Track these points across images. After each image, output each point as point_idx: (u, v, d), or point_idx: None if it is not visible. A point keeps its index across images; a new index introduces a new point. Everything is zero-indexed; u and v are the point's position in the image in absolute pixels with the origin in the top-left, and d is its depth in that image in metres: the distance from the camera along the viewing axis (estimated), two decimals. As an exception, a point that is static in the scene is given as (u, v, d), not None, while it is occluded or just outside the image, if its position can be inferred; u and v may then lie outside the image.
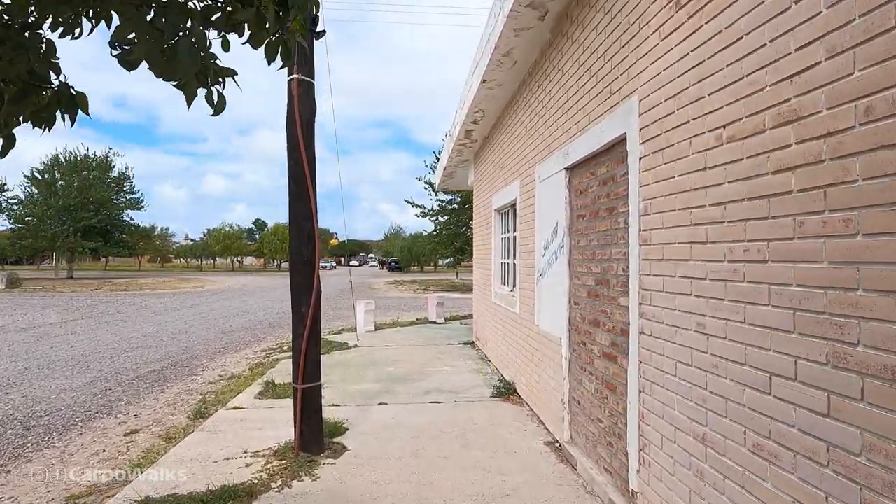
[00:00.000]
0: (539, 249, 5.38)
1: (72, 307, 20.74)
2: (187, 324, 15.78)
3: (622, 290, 3.44)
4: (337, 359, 9.06)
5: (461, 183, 13.60)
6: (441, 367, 8.34)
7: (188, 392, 7.71)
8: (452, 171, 12.28)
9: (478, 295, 9.99)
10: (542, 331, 5.27)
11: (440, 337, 11.55)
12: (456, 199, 35.47)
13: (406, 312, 19.61)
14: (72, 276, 48.79)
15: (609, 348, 3.66)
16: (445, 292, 34.28)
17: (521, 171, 6.22)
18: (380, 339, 11.21)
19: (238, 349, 11.56)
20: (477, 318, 10.07)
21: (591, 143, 3.88)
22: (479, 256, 9.74)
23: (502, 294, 7.49)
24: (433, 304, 14.19)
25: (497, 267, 8.18)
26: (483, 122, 8.11)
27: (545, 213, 5.17)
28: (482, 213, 9.35)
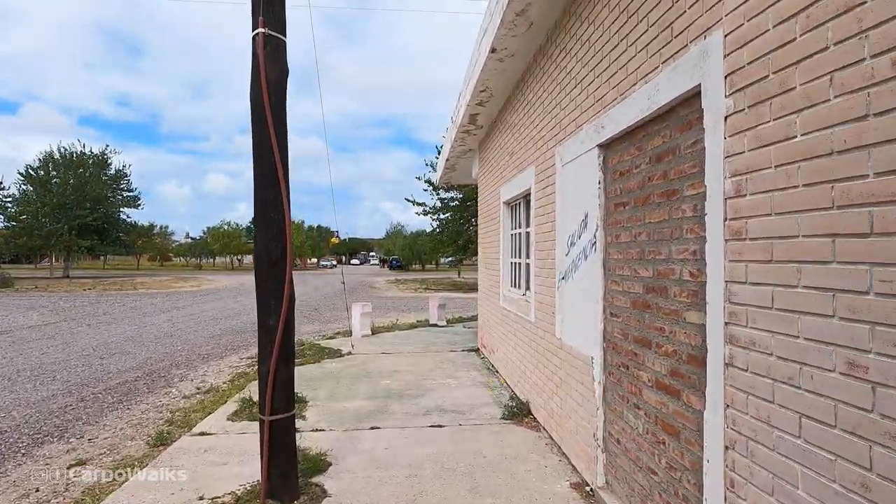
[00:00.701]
0: (561, 247, 4.47)
1: (58, 308, 19.88)
2: (174, 326, 14.90)
3: (690, 301, 2.53)
4: (328, 369, 8.16)
5: (464, 176, 12.69)
6: (443, 378, 7.43)
7: (157, 409, 6.82)
8: (455, 163, 11.36)
9: (483, 297, 9.08)
10: (567, 345, 4.36)
11: (442, 342, 10.65)
12: (457, 196, 34.58)
13: (406, 313, 18.71)
14: (68, 274, 47.97)
15: (668, 378, 2.75)
16: (447, 292, 33.37)
17: (537, 155, 5.30)
18: (376, 345, 10.31)
19: (223, 356, 10.67)
20: (482, 322, 9.17)
21: (638, 109, 2.97)
22: (485, 255, 8.84)
23: (513, 298, 6.58)
24: (435, 305, 13.29)
25: (506, 267, 7.27)
26: (490, 104, 7.20)
27: (569, 203, 4.26)
28: (488, 208, 8.45)
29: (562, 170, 4.47)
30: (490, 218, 8.30)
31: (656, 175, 2.91)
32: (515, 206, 6.92)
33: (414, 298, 26.92)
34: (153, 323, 15.66)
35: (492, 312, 8.09)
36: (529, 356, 5.65)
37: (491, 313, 8.18)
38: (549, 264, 4.89)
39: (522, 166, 6.00)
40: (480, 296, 9.43)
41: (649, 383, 2.96)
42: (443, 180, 13.56)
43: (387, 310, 20.21)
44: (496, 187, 7.68)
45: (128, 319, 16.50)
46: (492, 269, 8.17)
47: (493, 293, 8.05)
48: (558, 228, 4.55)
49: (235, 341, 12.48)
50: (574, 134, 4.17)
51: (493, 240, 8.03)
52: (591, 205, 3.77)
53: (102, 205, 47.09)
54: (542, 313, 5.10)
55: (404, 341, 10.82)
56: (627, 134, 3.24)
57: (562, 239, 4.46)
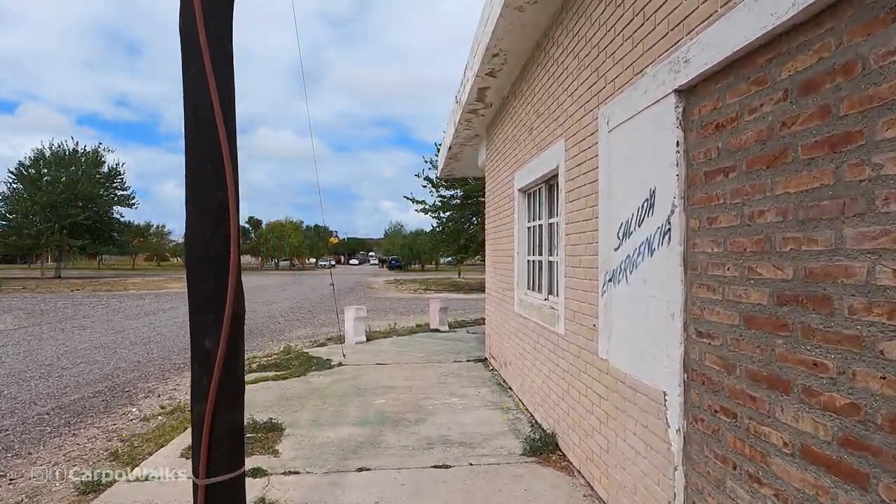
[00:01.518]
0: (607, 238, 3.38)
1: (37, 310, 18.77)
2: (155, 331, 13.80)
3: (892, 323, 1.43)
4: (313, 384, 7.06)
5: (469, 167, 11.59)
6: (447, 397, 6.34)
7: (108, 436, 5.72)
8: (459, 152, 10.26)
9: (492, 301, 7.98)
10: (617, 369, 3.26)
11: (445, 350, 9.55)
12: (458, 194, 33.52)
13: (405, 316, 17.61)
14: (59, 275, 46.82)
15: (834, 448, 1.65)
16: (448, 292, 32.29)
17: (569, 124, 4.21)
18: (371, 354, 9.20)
19: (201, 365, 9.57)
20: (491, 330, 8.07)
21: (765, 14, 1.88)
22: (495, 253, 7.74)
23: (532, 304, 5.48)
24: (436, 308, 12.19)
25: (522, 266, 6.17)
26: (503, 74, 6.10)
27: (622, 180, 3.17)
28: (499, 198, 7.35)
29: (608, 136, 3.37)
30: (501, 210, 7.20)
31: (804, 115, 1.80)
32: (534, 194, 5.82)
33: (413, 300, 25.82)
34: (133, 327, 14.55)
35: (503, 319, 6.99)
36: (557, 377, 4.55)
37: (502, 320, 7.08)
38: (587, 262, 3.79)
39: (546, 142, 4.90)
40: (489, 299, 8.34)
41: (787, 450, 1.86)
42: (444, 172, 12.46)
43: (384, 312, 19.11)
44: (509, 174, 6.58)
45: (108, 323, 15.39)
46: (503, 269, 7.07)
47: (504, 297, 6.95)
48: (603, 214, 3.45)
49: (218, 348, 11.37)
50: (630, 85, 3.08)
51: (504, 235, 6.94)
52: (663, 177, 2.67)
53: (95, 203, 45.96)
54: (577, 325, 4.00)
55: (402, 349, 9.72)
56: (736, 62, 2.15)
57: (609, 228, 3.36)
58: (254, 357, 9.91)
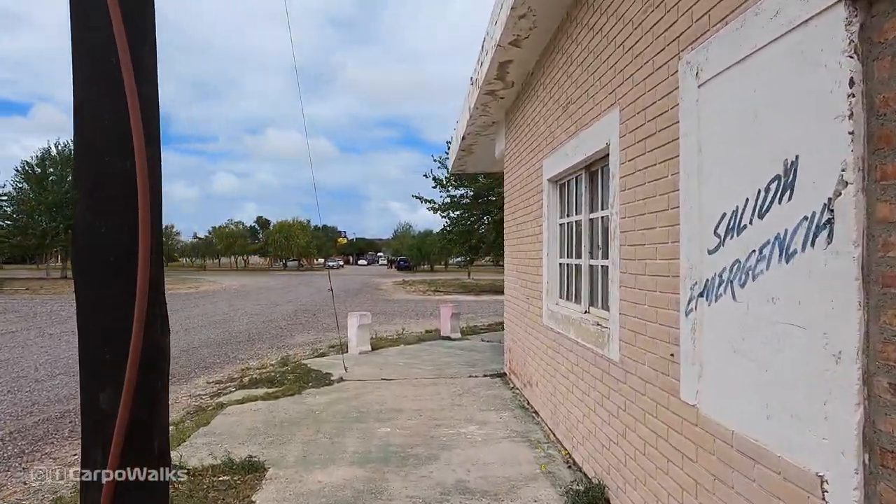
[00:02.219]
0: (695, 235, 2.43)
1: (31, 313, 18.05)
2: (148, 337, 12.96)
3: None
4: (308, 406, 6.13)
5: (483, 160, 10.62)
6: (464, 424, 5.39)
7: (62, 470, 4.82)
8: (473, 143, 9.31)
9: (513, 310, 7.01)
10: (716, 424, 2.30)
11: (458, 363, 8.59)
12: (468, 192, 32.58)
13: (414, 320, 16.67)
14: (66, 275, 46.41)
15: None
16: (457, 294, 31.33)
17: (627, 87, 3.24)
18: (376, 367, 8.27)
19: (189, 377, 8.70)
20: (512, 342, 7.10)
21: None
22: (516, 254, 6.77)
23: (568, 317, 4.51)
24: (447, 314, 11.24)
25: (552, 271, 5.19)
26: (529, 43, 5.15)
27: (728, 149, 2.21)
28: (521, 192, 6.39)
29: (698, 93, 2.41)
30: (524, 205, 6.24)
31: None
32: (569, 184, 4.85)
33: (422, 302, 24.90)
34: (126, 332, 13.72)
35: (528, 332, 6.03)
36: (606, 413, 3.59)
37: (526, 333, 6.12)
38: (656, 268, 2.83)
39: (589, 118, 3.94)
40: (508, 307, 7.37)
41: None
42: (456, 167, 11.50)
43: (392, 315, 18.20)
44: (535, 162, 5.62)
45: (100, 327, 14.59)
46: (527, 273, 6.10)
47: (529, 306, 5.99)
48: (688, 202, 2.49)
49: (212, 357, 10.51)
50: (739, 13, 2.12)
51: (529, 233, 5.97)
52: (815, 139, 1.71)
53: (100, 203, 45.49)
54: (640, 350, 3.04)
55: (411, 361, 8.78)
56: None
57: (698, 222, 2.40)
58: (247, 369, 9.01)
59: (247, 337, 13.22)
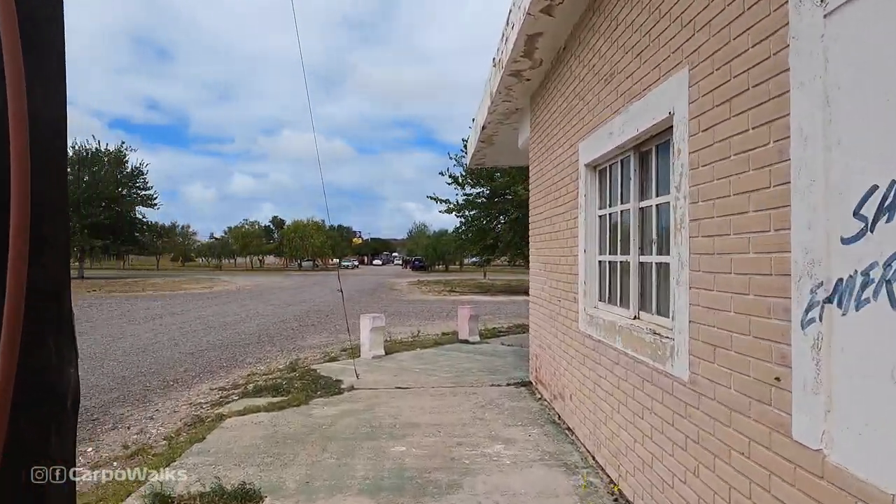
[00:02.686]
0: (819, 221, 1.79)
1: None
2: (156, 338, 12.54)
3: None
4: (315, 419, 5.55)
5: (504, 152, 9.99)
6: (489, 443, 4.77)
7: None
8: (493, 133, 8.69)
9: (540, 312, 6.37)
10: (865, 485, 1.65)
11: (478, 369, 7.97)
12: (484, 191, 31.95)
13: (429, 322, 16.08)
14: (82, 275, 46.66)
15: None
16: (473, 294, 30.71)
17: (701, 39, 2.60)
18: (390, 373, 7.68)
19: (193, 382, 8.19)
20: (539, 348, 6.46)
21: None
22: (544, 251, 6.13)
23: (613, 323, 3.86)
24: (465, 317, 10.61)
25: (590, 268, 4.54)
26: (564, 8, 4.50)
27: (883, 97, 1.56)
28: (551, 181, 5.75)
29: (827, 27, 1.77)
30: (554, 196, 5.60)
31: None
32: (612, 169, 4.20)
33: (438, 302, 24.31)
34: (134, 333, 13.33)
35: (558, 338, 5.38)
36: (670, 443, 2.94)
37: (556, 339, 5.48)
38: (749, 265, 2.18)
39: (642, 86, 3.29)
40: (534, 309, 6.72)
41: None
42: (475, 161, 10.87)
43: (406, 317, 17.63)
44: (568, 146, 4.98)
45: (108, 328, 14.22)
46: (558, 272, 5.46)
47: (560, 308, 5.34)
48: (809, 174, 1.85)
49: (218, 360, 10.01)
50: None
51: (561, 228, 5.32)
52: None
53: (117, 203, 45.64)
54: (723, 370, 2.39)
55: (427, 367, 8.17)
56: None
57: (829, 200, 1.76)
58: (253, 374, 8.48)
59: (256, 339, 12.73)
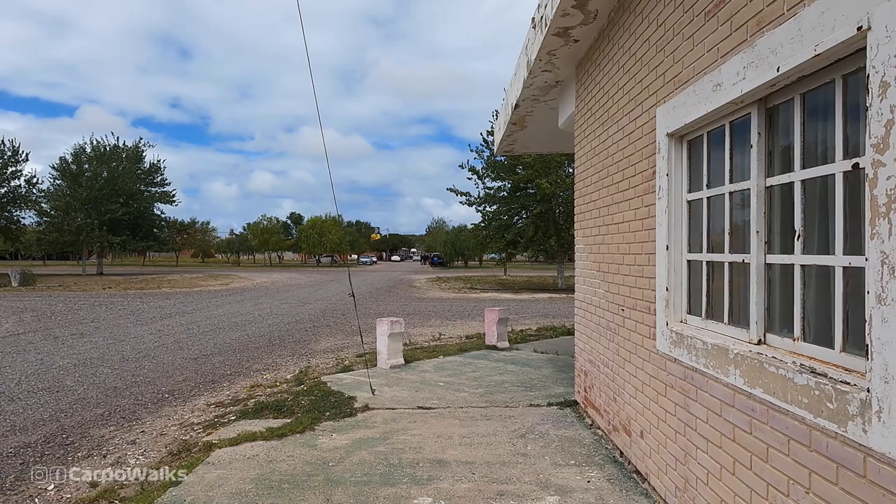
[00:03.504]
0: None
1: (48, 312, 17.18)
2: (160, 340, 11.73)
3: None
4: (321, 452, 4.56)
5: (538, 136, 8.90)
6: (537, 491, 3.73)
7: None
8: (528, 113, 7.61)
9: (591, 323, 5.28)
10: None
11: (512, 383, 6.92)
12: (506, 185, 30.81)
13: (451, 322, 15.06)
14: (101, 272, 46.62)
15: None
16: (495, 291, 29.62)
17: None
18: (410, 388, 6.67)
19: (191, 395, 7.29)
20: (590, 364, 5.37)
21: None
22: (598, 249, 5.04)
23: (722, 348, 2.77)
24: (493, 319, 9.56)
25: (675, 271, 3.45)
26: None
27: None
28: (611, 162, 4.66)
29: None
30: (616, 178, 4.51)
31: None
32: (712, 137, 3.11)
33: (459, 300, 23.29)
34: (138, 335, 12.55)
35: (623, 356, 4.31)
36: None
37: (619, 357, 4.40)
38: None
39: (790, 3, 2.21)
40: (583, 318, 5.63)
41: None
42: (503, 148, 9.78)
43: (427, 316, 16.64)
44: (640, 115, 3.90)
45: (113, 328, 13.47)
46: (621, 273, 4.38)
47: (627, 320, 4.27)
48: None
49: (222, 366, 9.12)
50: None
51: (628, 218, 4.23)
52: None
53: (135, 199, 45.43)
54: None
55: (453, 379, 7.15)
56: None
57: None
58: (256, 386, 7.54)
59: (267, 341, 11.84)
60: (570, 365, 8.00)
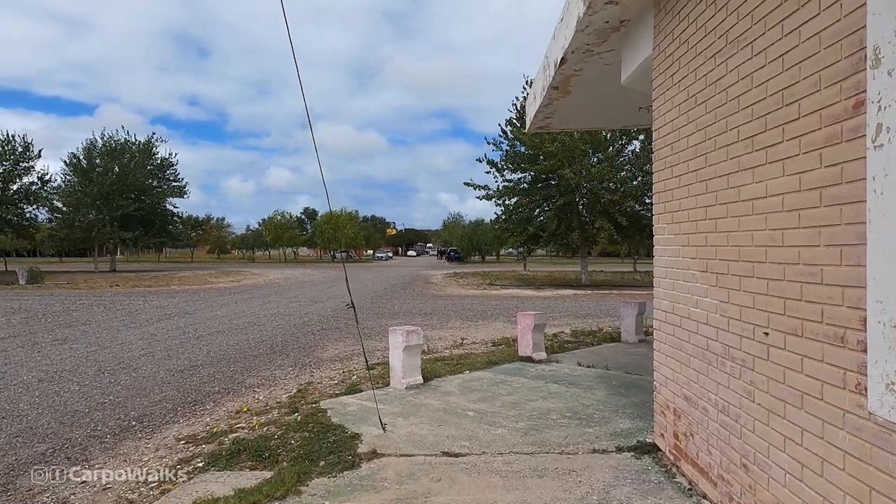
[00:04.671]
0: None
1: (41, 313, 16.06)
2: (150, 347, 10.43)
3: None
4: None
5: (586, 104, 7.35)
6: None
7: None
8: (573, 73, 6.08)
9: (689, 347, 3.74)
10: None
11: (561, 413, 5.42)
12: (527, 177, 29.19)
13: (474, 323, 13.57)
14: (114, 268, 45.99)
15: None
16: (516, 288, 28.06)
17: None
18: (431, 420, 5.20)
19: (159, 425, 5.91)
20: (685, 402, 3.84)
21: None
22: (704, 240, 3.51)
23: None
24: (527, 325, 8.04)
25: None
26: None
27: None
28: (737, 107, 3.13)
29: None
30: (747, 131, 2.98)
31: None
32: None
33: (479, 298, 21.79)
34: (127, 340, 11.28)
35: (774, 411, 2.78)
36: None
37: (763, 410, 2.87)
38: None
39: None
40: (671, 335, 4.08)
41: None
42: (538, 121, 8.22)
43: (446, 316, 15.17)
44: (826, 12, 2.37)
45: (100, 332, 12.23)
46: (761, 276, 2.86)
47: (785, 354, 2.74)
48: None
49: (210, 381, 7.76)
50: None
51: (784, 188, 2.67)
52: None
53: (147, 195, 44.61)
54: None
55: (484, 405, 5.68)
56: None
57: None
58: (241, 412, 6.13)
59: (268, 347, 10.49)
60: (627, 384, 6.47)
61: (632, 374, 7.00)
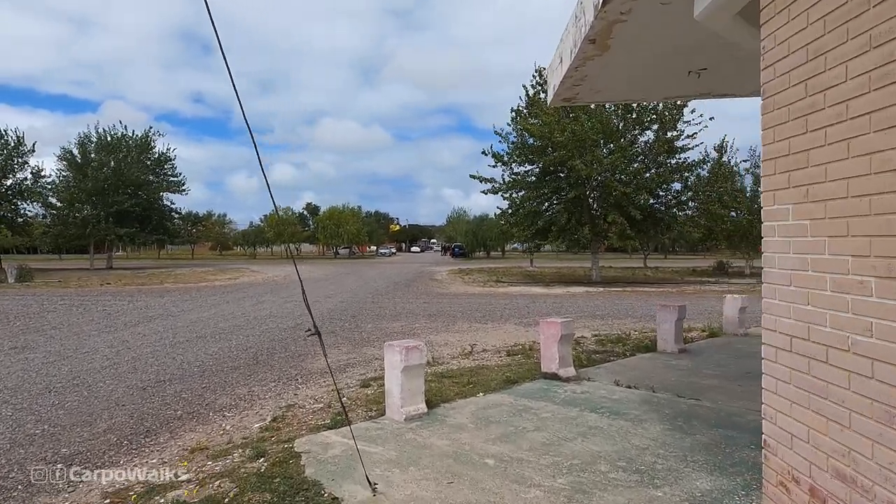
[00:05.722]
0: None
1: (12, 315, 14.82)
2: (116, 357, 9.16)
3: None
4: None
5: (632, 64, 5.98)
6: None
7: None
8: (621, 15, 4.70)
9: (833, 393, 2.42)
10: None
11: (610, 461, 4.09)
12: (534, 170, 27.81)
13: (483, 325, 12.22)
14: (111, 266, 44.87)
15: None
16: (524, 285, 26.70)
17: None
18: (439, 474, 3.89)
19: (94, 466, 4.59)
20: (837, 482, 2.51)
21: None
22: (874, 226, 2.18)
23: None
24: (553, 337, 6.69)
25: None
26: None
27: None
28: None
29: None
30: None
31: None
32: None
33: (486, 297, 20.47)
34: (94, 347, 10.01)
35: None
36: None
37: None
38: None
39: None
40: (802, 371, 2.74)
41: None
42: (565, 89, 6.82)
43: (453, 318, 13.84)
44: None
45: (69, 338, 10.96)
46: None
47: None
48: None
49: (174, 403, 6.47)
50: None
51: None
52: None
53: (143, 190, 43.33)
54: None
55: (506, 448, 4.36)
56: None
57: None
58: (196, 451, 4.81)
59: (252, 357, 9.20)
60: (684, 415, 5.13)
61: (685, 399, 5.67)
